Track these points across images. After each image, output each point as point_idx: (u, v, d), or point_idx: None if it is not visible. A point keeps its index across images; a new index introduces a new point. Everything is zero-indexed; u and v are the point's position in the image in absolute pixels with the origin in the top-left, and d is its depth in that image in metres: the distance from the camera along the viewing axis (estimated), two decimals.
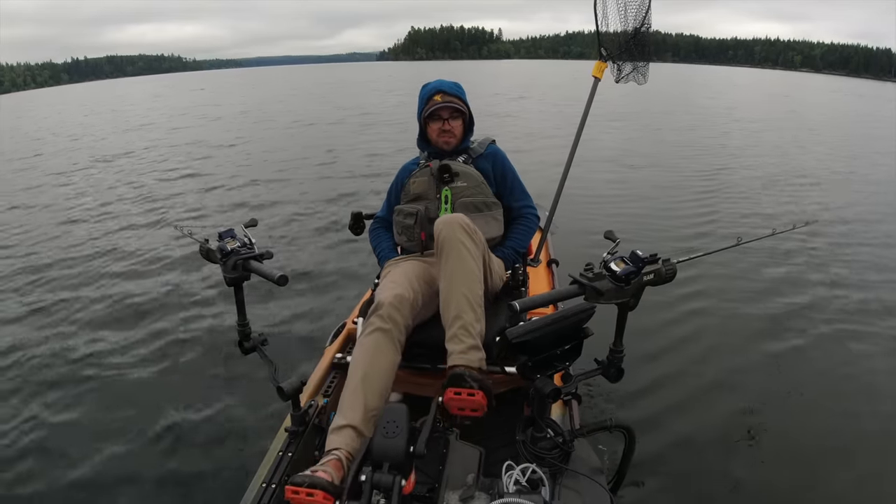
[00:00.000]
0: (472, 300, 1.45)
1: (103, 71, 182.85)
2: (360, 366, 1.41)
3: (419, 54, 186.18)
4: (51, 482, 1.97)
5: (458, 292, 1.45)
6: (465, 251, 1.48)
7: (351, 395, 1.38)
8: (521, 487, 1.19)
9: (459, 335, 1.42)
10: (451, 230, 1.49)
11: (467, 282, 1.46)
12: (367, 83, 33.56)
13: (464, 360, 1.38)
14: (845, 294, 3.45)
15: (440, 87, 1.83)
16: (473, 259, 1.49)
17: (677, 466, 1.95)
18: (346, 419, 1.34)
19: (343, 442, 1.31)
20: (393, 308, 1.47)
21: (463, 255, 1.48)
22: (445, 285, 1.48)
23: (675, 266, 1.25)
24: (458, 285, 1.46)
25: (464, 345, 1.40)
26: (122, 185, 7.14)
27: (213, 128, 13.52)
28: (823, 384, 2.49)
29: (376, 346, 1.43)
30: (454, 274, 1.47)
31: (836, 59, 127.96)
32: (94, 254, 4.47)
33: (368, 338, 1.45)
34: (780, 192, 6.13)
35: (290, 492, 1.13)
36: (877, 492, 1.88)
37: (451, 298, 1.46)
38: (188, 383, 2.54)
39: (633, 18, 2.10)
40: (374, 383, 1.39)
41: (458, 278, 1.46)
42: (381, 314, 1.46)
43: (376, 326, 1.45)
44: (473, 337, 1.42)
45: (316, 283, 3.68)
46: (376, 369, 1.41)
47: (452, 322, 1.44)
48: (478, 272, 1.50)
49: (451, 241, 1.49)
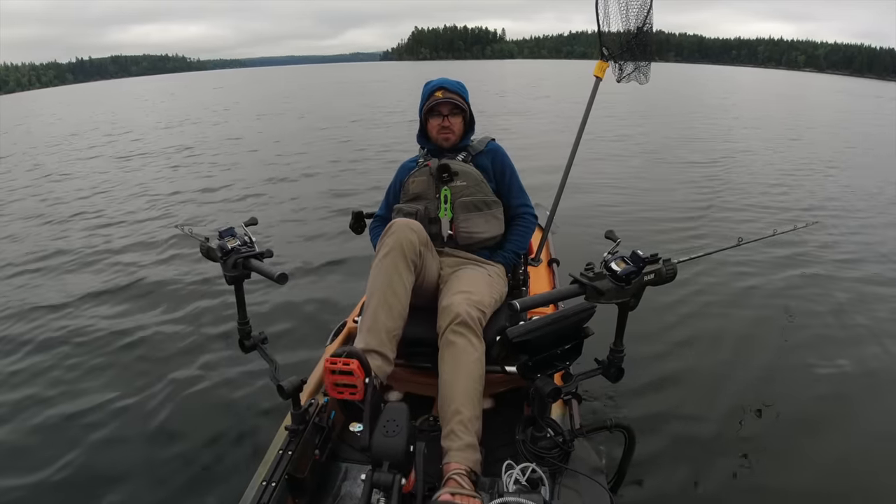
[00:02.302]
0: (472, 395, 1.42)
1: (108, 71, 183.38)
2: (379, 289, 1.47)
3: (423, 54, 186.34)
4: (49, 482, 1.96)
5: (460, 388, 1.41)
6: (468, 344, 1.45)
7: (371, 319, 1.45)
8: (521, 487, 1.19)
9: (457, 431, 1.37)
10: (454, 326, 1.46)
11: (468, 378, 1.42)
12: (383, 82, 33.38)
13: (459, 459, 1.32)
14: (847, 294, 3.43)
15: (442, 84, 1.84)
16: (477, 353, 1.46)
17: (677, 466, 1.94)
18: (367, 343, 1.41)
19: (370, 363, 1.33)
20: (407, 227, 1.52)
21: (466, 350, 1.44)
22: (446, 378, 1.44)
23: (675, 266, 1.25)
24: (461, 381, 1.42)
25: (461, 442, 1.35)
26: (151, 181, 7.21)
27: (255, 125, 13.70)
28: (825, 384, 2.47)
29: (393, 268, 1.48)
30: (456, 370, 1.43)
31: (840, 59, 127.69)
32: (94, 253, 4.48)
33: (385, 260, 1.49)
34: (782, 193, 6.11)
35: (328, 363, 1.21)
36: (877, 492, 1.88)
37: (454, 394, 1.41)
38: (188, 382, 2.53)
39: (634, 18, 2.10)
40: (392, 305, 1.46)
41: (460, 375, 1.42)
42: (394, 232, 1.51)
43: (390, 247, 1.49)
44: (471, 434, 1.37)
45: (316, 282, 3.67)
46: (394, 291, 1.46)
47: (451, 417, 1.39)
48: (479, 369, 1.46)
49: (453, 337, 1.46)
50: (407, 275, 1.50)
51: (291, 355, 2.67)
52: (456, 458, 1.32)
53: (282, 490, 1.28)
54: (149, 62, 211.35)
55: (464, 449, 1.34)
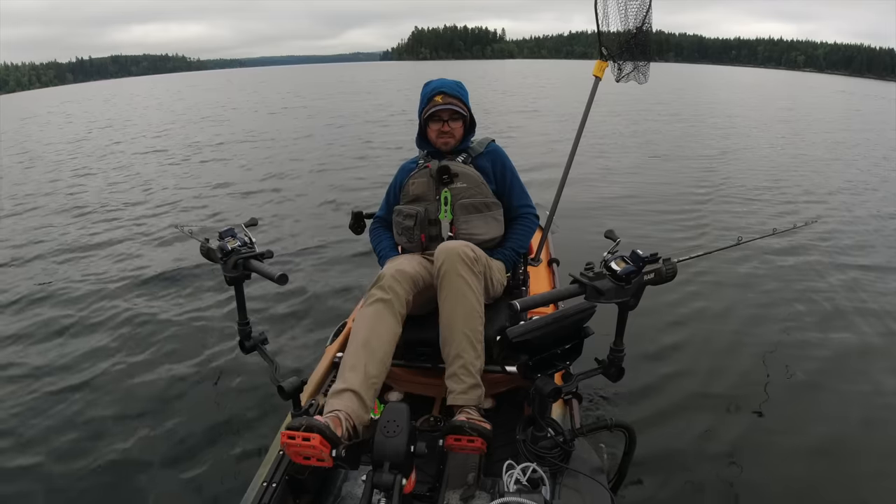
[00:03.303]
0: (472, 338, 1.48)
1: (108, 71, 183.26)
2: (361, 332, 1.45)
3: (423, 54, 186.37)
4: (48, 482, 1.96)
5: (458, 331, 1.47)
6: (466, 286, 1.49)
7: (351, 359, 1.40)
8: (522, 487, 1.19)
9: (459, 374, 1.44)
10: (452, 263, 1.50)
11: (468, 320, 1.48)
12: (388, 81, 33.18)
13: (463, 400, 1.42)
14: (847, 293, 3.44)
15: (441, 88, 1.81)
16: (474, 294, 1.50)
17: (678, 466, 1.94)
18: (347, 383, 1.35)
19: (343, 404, 1.30)
20: (394, 280, 1.50)
21: (464, 292, 1.48)
22: (446, 322, 1.50)
23: (675, 265, 1.25)
24: (459, 324, 1.47)
25: (464, 384, 1.43)
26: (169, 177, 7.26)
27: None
28: (825, 384, 2.47)
29: (377, 315, 1.47)
30: (454, 311, 1.48)
31: (839, 59, 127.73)
32: (94, 251, 4.48)
33: (369, 308, 1.48)
34: (782, 191, 6.11)
35: (284, 437, 1.08)
36: (878, 492, 1.88)
37: (453, 337, 1.48)
38: (187, 382, 2.53)
39: (633, 18, 2.11)
40: (374, 349, 1.42)
41: (458, 316, 1.48)
42: (381, 285, 1.50)
43: (377, 297, 1.48)
44: (473, 375, 1.45)
45: (316, 283, 3.67)
46: (377, 336, 1.44)
47: (453, 360, 1.46)
48: (478, 308, 1.51)
49: (451, 276, 1.49)
50: (393, 325, 1.48)
51: (292, 356, 2.68)
52: (460, 399, 1.43)
53: (282, 491, 1.28)
54: (149, 62, 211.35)
55: (467, 391, 1.44)
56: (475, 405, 1.44)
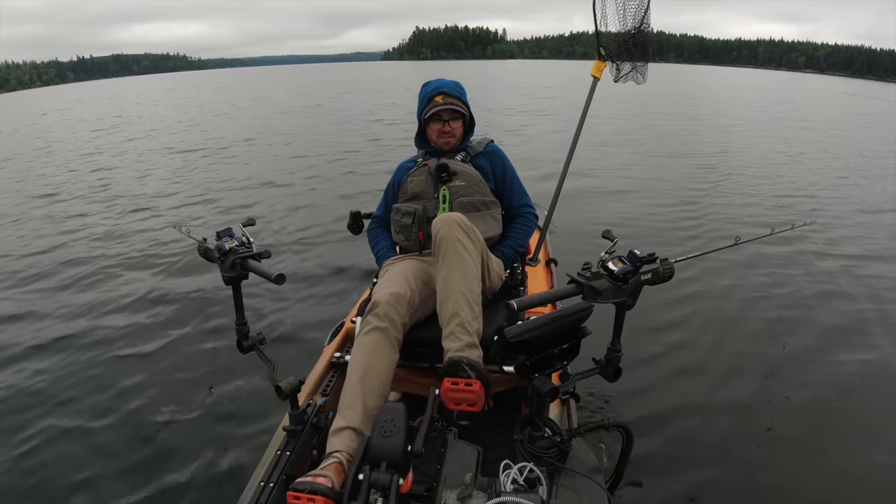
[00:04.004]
0: (469, 298, 1.44)
1: (109, 69, 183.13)
2: (359, 366, 1.41)
3: (424, 54, 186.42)
4: (47, 482, 1.96)
5: (455, 290, 1.44)
6: (463, 249, 1.48)
7: (350, 395, 1.38)
8: (519, 486, 1.19)
9: (456, 332, 1.40)
10: (449, 229, 1.49)
11: (465, 280, 1.46)
12: (395, 80, 32.96)
13: (461, 357, 1.35)
14: (845, 293, 3.44)
15: (441, 88, 1.82)
16: (471, 257, 1.49)
17: (675, 466, 1.94)
18: (346, 421, 1.34)
19: (344, 444, 1.31)
20: (389, 306, 1.47)
21: (461, 254, 1.47)
22: (443, 283, 1.47)
23: (672, 265, 1.25)
24: (456, 283, 1.45)
25: (461, 342, 1.39)
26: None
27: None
28: (824, 384, 2.47)
29: (374, 346, 1.43)
30: (451, 272, 1.46)
31: (840, 61, 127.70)
32: (94, 250, 4.48)
33: (366, 337, 1.45)
34: (780, 192, 6.11)
35: (291, 497, 1.13)
36: (878, 493, 1.88)
37: (449, 296, 1.44)
38: (186, 382, 2.53)
39: (631, 18, 2.11)
40: (372, 383, 1.39)
41: (455, 276, 1.46)
42: (377, 313, 1.46)
43: (373, 326, 1.45)
44: (471, 335, 1.40)
45: (314, 282, 3.67)
46: (374, 369, 1.41)
47: (449, 320, 1.42)
48: (476, 270, 1.49)
49: (449, 240, 1.48)
50: (390, 353, 1.46)
51: (289, 356, 2.68)
52: (457, 356, 1.36)
53: (280, 491, 1.28)
54: (150, 61, 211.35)
55: (464, 349, 1.38)
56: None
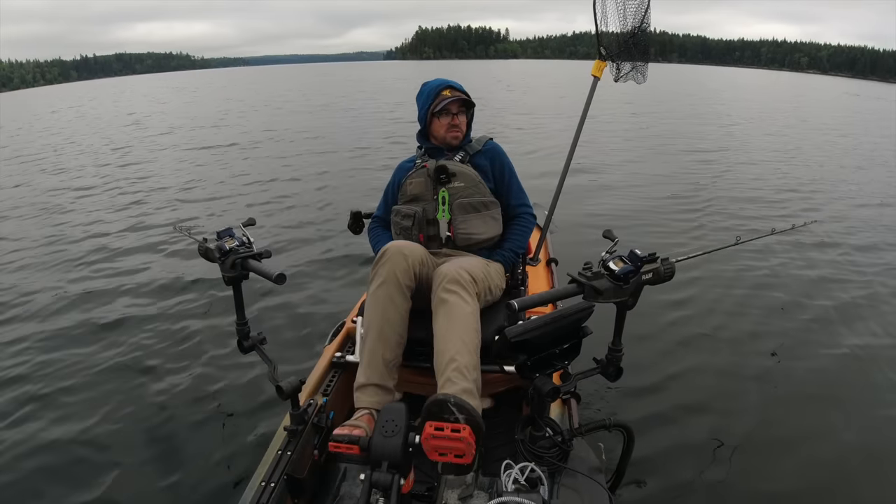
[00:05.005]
0: (468, 344, 1.38)
1: (112, 68, 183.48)
2: (375, 322, 1.48)
3: (427, 53, 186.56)
4: (46, 482, 1.97)
5: (455, 336, 1.38)
6: (463, 303, 1.44)
7: (369, 354, 1.47)
8: (520, 486, 1.19)
9: (453, 378, 1.31)
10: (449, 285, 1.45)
11: (464, 328, 1.41)
12: (403, 80, 32.79)
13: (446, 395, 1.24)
14: (845, 293, 3.43)
15: (448, 83, 1.84)
16: (471, 308, 1.45)
17: (676, 466, 1.94)
18: (368, 378, 1.45)
19: (369, 400, 1.43)
20: (397, 252, 1.52)
21: (460, 307, 1.43)
22: (441, 334, 1.41)
23: (673, 265, 1.25)
24: (454, 330, 1.39)
25: (457, 387, 1.29)
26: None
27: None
28: (824, 385, 2.47)
29: (387, 299, 1.48)
30: (450, 322, 1.41)
31: (843, 61, 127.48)
32: (93, 250, 4.49)
33: (378, 291, 1.50)
34: (781, 191, 6.10)
35: (332, 446, 1.24)
36: (877, 493, 1.87)
37: (448, 345, 1.37)
38: (186, 382, 2.53)
39: (632, 18, 2.10)
40: (389, 337, 1.47)
41: (454, 326, 1.40)
42: (385, 260, 1.51)
43: (383, 277, 1.50)
44: (468, 381, 1.32)
45: (315, 282, 3.67)
46: (390, 322, 1.48)
47: (446, 366, 1.34)
48: (475, 321, 1.45)
49: (447, 295, 1.45)
50: (402, 302, 1.49)
51: (290, 356, 2.68)
52: (443, 395, 1.25)
53: (281, 490, 1.28)
54: (153, 60, 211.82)
55: (461, 394, 1.28)
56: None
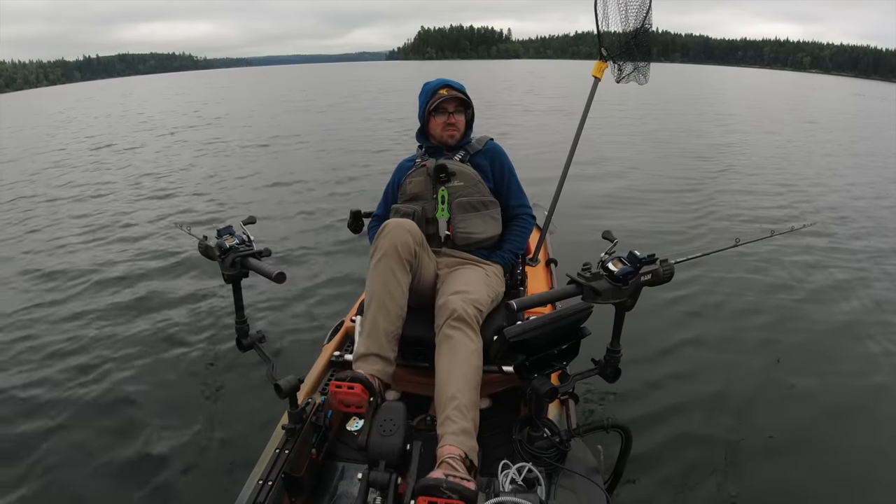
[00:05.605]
0: (470, 382, 1.38)
1: (115, 69, 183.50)
2: (376, 294, 1.50)
3: (429, 54, 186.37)
4: (44, 482, 1.97)
5: (456, 375, 1.37)
6: (466, 339, 1.43)
7: (370, 324, 1.49)
8: (518, 486, 1.19)
9: (452, 416, 1.30)
10: (453, 321, 1.45)
11: (468, 366, 1.40)
12: (411, 80, 32.73)
13: (454, 442, 1.25)
14: (845, 294, 3.43)
15: (446, 83, 1.85)
16: (474, 344, 1.44)
17: (673, 466, 1.94)
18: (368, 348, 1.47)
19: (370, 368, 1.44)
20: (400, 228, 1.53)
21: (464, 343, 1.43)
22: (443, 370, 1.41)
23: (672, 266, 1.25)
24: (457, 368, 1.39)
25: (456, 426, 1.28)
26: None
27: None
28: (825, 384, 2.46)
29: (388, 270, 1.50)
30: (453, 360, 1.41)
31: (846, 61, 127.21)
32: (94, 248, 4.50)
33: (379, 263, 1.51)
34: (780, 194, 6.08)
35: (333, 386, 1.29)
36: (877, 493, 1.87)
37: (451, 380, 1.37)
38: (185, 380, 2.54)
39: (633, 18, 2.10)
40: (390, 308, 1.49)
41: (457, 363, 1.40)
42: (387, 234, 1.52)
43: (384, 251, 1.51)
44: (467, 420, 1.31)
45: (314, 281, 3.67)
46: (391, 294, 1.49)
47: (447, 403, 1.33)
48: (478, 358, 1.44)
49: (451, 332, 1.44)
50: (403, 275, 1.51)
51: (289, 354, 2.68)
52: (450, 440, 1.26)
53: (278, 489, 1.28)
54: (156, 60, 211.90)
55: (459, 433, 1.27)
56: (462, 456, 1.24)
